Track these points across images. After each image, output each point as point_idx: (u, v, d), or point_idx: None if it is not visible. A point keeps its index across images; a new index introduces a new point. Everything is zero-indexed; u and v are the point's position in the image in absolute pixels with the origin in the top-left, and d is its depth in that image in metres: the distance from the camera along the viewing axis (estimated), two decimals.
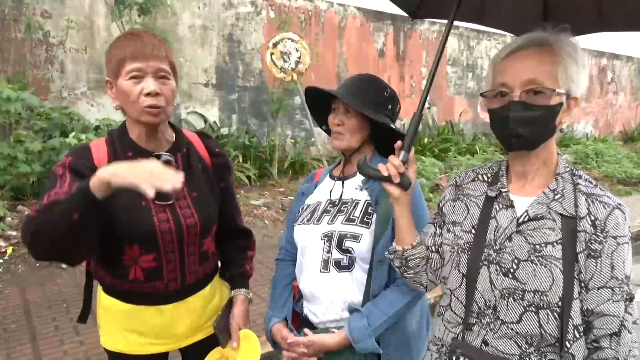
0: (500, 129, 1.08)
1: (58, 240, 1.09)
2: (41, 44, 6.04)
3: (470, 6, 1.67)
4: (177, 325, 1.44)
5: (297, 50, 5.83)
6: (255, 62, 7.91)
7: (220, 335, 1.46)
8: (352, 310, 1.40)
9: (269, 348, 1.60)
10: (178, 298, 1.43)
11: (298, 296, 1.57)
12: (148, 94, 1.26)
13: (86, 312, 1.50)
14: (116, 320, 1.42)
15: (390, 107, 1.50)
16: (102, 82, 6.51)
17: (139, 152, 1.34)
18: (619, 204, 1.06)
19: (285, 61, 5.82)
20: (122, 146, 1.35)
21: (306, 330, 1.46)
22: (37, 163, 4.91)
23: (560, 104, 1.05)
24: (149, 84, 1.26)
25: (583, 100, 13.92)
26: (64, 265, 4.25)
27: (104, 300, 1.44)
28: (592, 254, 1.03)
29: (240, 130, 7.72)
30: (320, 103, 1.58)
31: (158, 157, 1.35)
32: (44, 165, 4.99)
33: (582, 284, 1.03)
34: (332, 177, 1.60)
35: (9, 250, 4.34)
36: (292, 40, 5.85)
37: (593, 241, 1.03)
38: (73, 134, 5.17)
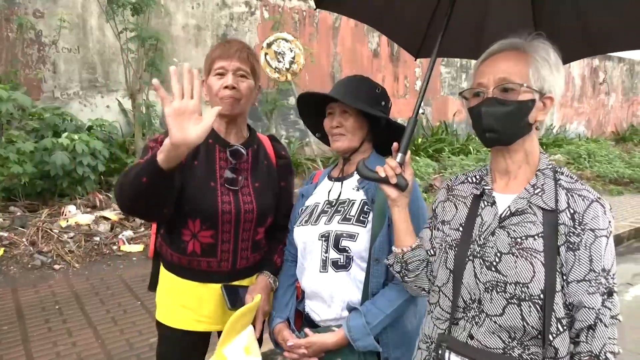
0: (476, 125, 1.15)
1: (133, 197, 1.29)
2: (33, 44, 5.99)
3: (465, 44, 1.83)
4: (225, 306, 1.53)
5: (291, 51, 5.83)
6: None
7: (227, 298, 1.51)
8: (351, 309, 1.41)
9: (270, 346, 1.61)
10: (228, 279, 1.56)
11: (301, 296, 1.58)
12: (226, 87, 1.48)
13: (154, 282, 1.67)
14: (173, 295, 1.56)
15: (383, 103, 1.53)
16: (95, 82, 6.48)
17: (217, 141, 1.55)
18: (599, 198, 1.08)
19: (279, 61, 5.82)
20: None
21: (307, 330, 1.46)
22: (29, 164, 4.87)
23: (532, 100, 1.09)
24: (228, 79, 1.49)
25: (575, 100, 14.00)
26: (56, 267, 4.22)
27: (164, 277, 1.60)
28: (571, 246, 1.04)
29: None
30: (312, 109, 1.58)
31: (231, 146, 1.55)
32: (36, 165, 4.96)
33: (564, 277, 1.04)
34: (330, 178, 1.61)
35: (0, 252, 4.30)
36: (286, 41, 5.85)
37: (572, 234, 1.05)
38: (65, 134, 5.13)
